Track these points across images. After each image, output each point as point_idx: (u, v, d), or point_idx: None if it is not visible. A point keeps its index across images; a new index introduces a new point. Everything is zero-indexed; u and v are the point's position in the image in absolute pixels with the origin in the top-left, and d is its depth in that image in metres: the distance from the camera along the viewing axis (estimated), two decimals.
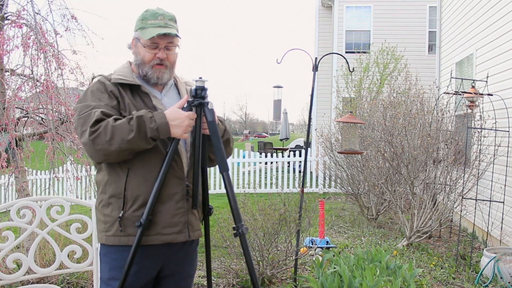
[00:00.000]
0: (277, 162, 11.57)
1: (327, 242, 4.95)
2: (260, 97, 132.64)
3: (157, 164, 1.79)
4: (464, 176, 5.09)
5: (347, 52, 12.96)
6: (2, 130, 3.75)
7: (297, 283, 3.89)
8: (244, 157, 11.55)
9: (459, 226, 5.36)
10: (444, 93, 5.90)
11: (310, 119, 4.07)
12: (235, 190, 1.96)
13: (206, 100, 1.82)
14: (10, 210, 2.70)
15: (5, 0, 4.00)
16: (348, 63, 4.19)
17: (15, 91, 4.01)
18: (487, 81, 5.47)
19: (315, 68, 3.94)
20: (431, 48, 12.83)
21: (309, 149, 11.40)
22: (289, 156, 11.61)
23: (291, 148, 15.47)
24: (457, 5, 7.38)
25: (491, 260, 4.05)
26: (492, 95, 5.27)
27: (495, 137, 5.08)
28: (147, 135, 1.71)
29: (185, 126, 1.75)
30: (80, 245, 2.81)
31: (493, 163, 5.14)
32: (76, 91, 4.63)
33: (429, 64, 11.39)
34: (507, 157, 5.01)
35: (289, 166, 11.38)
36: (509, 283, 3.95)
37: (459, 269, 4.47)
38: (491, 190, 5.11)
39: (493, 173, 5.11)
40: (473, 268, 4.46)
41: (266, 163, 12.27)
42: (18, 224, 2.71)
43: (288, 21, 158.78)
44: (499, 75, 5.41)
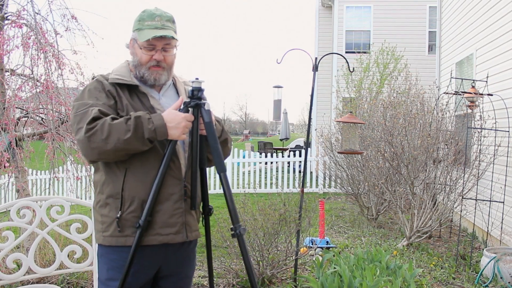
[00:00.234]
0: (277, 162, 11.57)
1: (327, 242, 4.95)
2: (260, 97, 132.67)
3: (154, 164, 1.78)
4: (464, 176, 5.09)
5: (347, 52, 12.96)
6: (2, 130, 3.75)
7: (297, 283, 3.89)
8: (244, 157, 11.55)
9: (459, 226, 5.36)
10: (444, 93, 5.90)
11: (310, 119, 4.07)
12: (235, 190, 1.96)
13: (202, 101, 1.82)
14: (10, 210, 2.70)
15: (5, 0, 4.00)
16: (348, 63, 4.19)
17: (15, 91, 4.01)
18: (487, 81, 5.47)
19: (315, 68, 3.94)
20: (431, 48, 12.83)
21: (309, 149, 11.40)
22: (289, 156, 11.61)
23: (291, 148, 15.46)
24: (457, 5, 7.38)
25: (491, 260, 4.05)
26: (492, 95, 5.27)
27: (495, 137, 5.08)
28: (144, 136, 1.70)
29: (182, 127, 1.75)
30: (80, 245, 2.81)
31: (493, 163, 5.14)
32: (76, 91, 4.63)
33: (429, 64, 11.40)
34: (507, 157, 5.01)
35: (289, 166, 11.38)
36: (509, 283, 3.95)
37: (459, 269, 4.47)
38: (491, 190, 5.11)
39: (493, 173, 5.11)
40: (473, 268, 4.46)
41: (266, 163, 12.27)
42: (18, 224, 2.71)
43: (288, 21, 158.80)
44: (499, 75, 5.41)
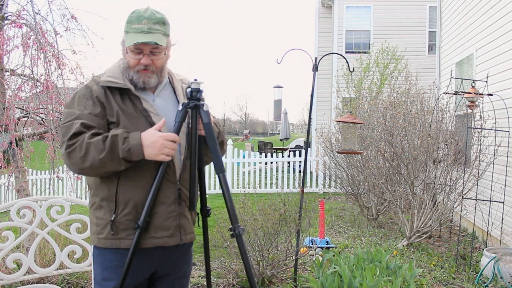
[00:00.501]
0: (277, 162, 11.56)
1: (327, 242, 4.95)
2: (260, 97, 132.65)
3: (149, 167, 1.77)
4: (464, 176, 5.09)
5: (347, 52, 12.96)
6: (2, 130, 3.75)
7: (297, 283, 3.89)
8: (244, 157, 11.55)
9: (459, 226, 5.36)
10: (444, 93, 5.90)
11: (310, 119, 4.07)
12: (235, 190, 1.97)
13: (201, 102, 1.82)
14: (10, 210, 2.71)
15: (5, 0, 4.00)
16: (348, 63, 4.19)
17: (15, 91, 4.01)
18: (487, 81, 5.47)
19: (315, 68, 3.94)
20: (431, 48, 12.83)
21: (309, 149, 11.40)
22: (289, 156, 11.61)
23: (291, 148, 15.46)
24: (457, 5, 7.38)
25: (491, 260, 4.05)
26: (492, 95, 5.27)
27: (495, 137, 5.08)
28: (119, 155, 1.68)
29: (159, 146, 1.69)
30: (80, 245, 2.81)
31: (493, 163, 5.14)
32: (76, 91, 4.63)
33: (429, 64, 11.39)
34: (507, 157, 5.01)
35: (289, 166, 11.37)
36: (509, 283, 3.95)
37: (459, 269, 4.47)
38: (491, 190, 5.11)
39: (493, 173, 5.11)
40: (473, 268, 4.46)
41: (266, 163, 12.27)
42: (18, 224, 2.71)
43: (288, 21, 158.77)
44: (499, 75, 5.41)
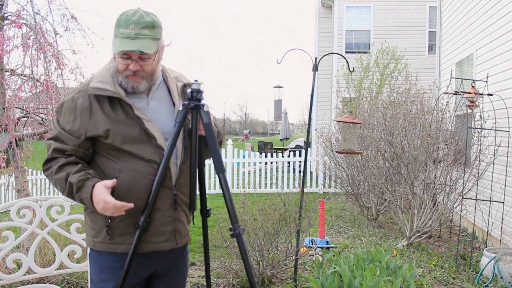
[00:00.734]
0: (277, 162, 11.56)
1: (327, 242, 4.94)
2: (260, 97, 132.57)
3: (144, 173, 1.76)
4: (464, 176, 5.09)
5: (347, 52, 12.96)
6: (2, 130, 3.75)
7: (297, 283, 3.89)
8: (244, 157, 11.55)
9: (459, 226, 5.36)
10: (444, 93, 5.90)
11: (310, 119, 4.07)
12: (235, 190, 1.98)
13: (202, 102, 1.85)
14: (10, 210, 2.71)
15: (5, 0, 4.00)
16: (348, 63, 4.19)
17: (15, 91, 4.01)
18: (487, 81, 5.47)
19: (315, 68, 3.94)
20: (431, 48, 12.83)
21: (309, 149, 11.40)
22: (289, 156, 11.60)
23: (291, 148, 15.46)
24: (457, 5, 7.38)
25: (491, 260, 4.05)
26: (492, 95, 5.27)
27: (495, 137, 5.08)
28: (75, 199, 1.77)
29: (100, 208, 1.68)
30: (80, 245, 2.81)
31: (493, 163, 5.14)
32: None
33: (429, 64, 11.39)
34: (507, 157, 5.01)
35: (289, 166, 11.37)
36: (509, 283, 3.95)
37: (459, 269, 4.47)
38: (491, 190, 5.11)
39: (493, 173, 5.11)
40: (473, 268, 4.46)
41: (266, 163, 12.26)
42: (18, 224, 2.71)
43: (288, 21, 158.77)
44: (499, 75, 5.41)
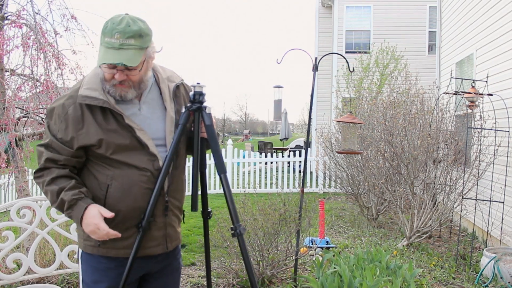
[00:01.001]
0: (277, 162, 11.56)
1: (327, 242, 4.94)
2: (260, 97, 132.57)
3: (136, 181, 1.76)
4: (464, 176, 5.09)
5: (347, 52, 12.97)
6: (2, 130, 3.75)
7: (297, 283, 3.89)
8: (244, 157, 11.55)
9: (459, 226, 5.36)
10: (444, 93, 5.90)
11: (310, 119, 4.07)
12: (235, 190, 1.98)
13: (204, 104, 1.87)
14: (10, 210, 2.71)
15: (5, 0, 4.00)
16: (348, 63, 4.19)
17: (15, 91, 4.01)
18: (487, 81, 5.47)
19: (315, 68, 3.94)
20: (431, 48, 12.83)
21: (309, 149, 11.40)
22: (289, 156, 11.60)
23: (291, 148, 15.46)
24: (457, 5, 7.38)
25: (491, 260, 4.05)
26: (492, 95, 5.27)
27: (495, 137, 5.08)
28: (63, 214, 1.78)
29: (89, 231, 1.71)
30: None
31: (493, 163, 5.14)
32: None
33: (429, 64, 11.40)
34: (507, 157, 5.01)
35: (289, 166, 11.37)
36: (509, 283, 3.95)
37: (459, 269, 4.47)
38: (491, 190, 5.11)
39: (493, 173, 5.11)
40: (473, 268, 4.46)
41: (266, 163, 12.26)
42: (18, 224, 2.71)
43: (288, 21, 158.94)
44: (499, 75, 5.41)
